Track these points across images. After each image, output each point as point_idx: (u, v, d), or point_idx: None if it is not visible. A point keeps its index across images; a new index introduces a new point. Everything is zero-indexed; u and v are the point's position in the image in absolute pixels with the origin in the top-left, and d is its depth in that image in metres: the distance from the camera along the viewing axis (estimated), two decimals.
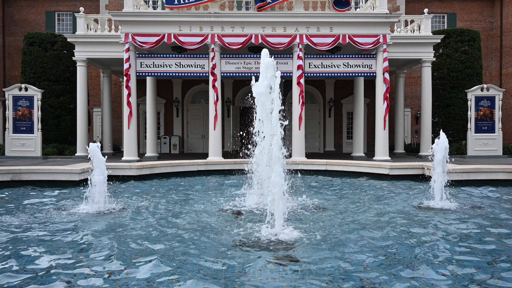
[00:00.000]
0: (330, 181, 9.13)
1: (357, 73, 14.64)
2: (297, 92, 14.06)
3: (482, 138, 16.56)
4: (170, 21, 13.92)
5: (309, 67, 14.40)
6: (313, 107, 21.77)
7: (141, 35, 13.91)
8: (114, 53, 15.67)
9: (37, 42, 18.10)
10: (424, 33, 16.18)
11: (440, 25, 24.78)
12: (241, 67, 14.46)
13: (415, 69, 22.80)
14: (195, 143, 21.74)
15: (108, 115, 18.76)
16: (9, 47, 24.31)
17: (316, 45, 13.95)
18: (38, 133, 16.30)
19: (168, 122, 21.71)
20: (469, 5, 24.80)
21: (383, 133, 14.21)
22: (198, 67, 14.40)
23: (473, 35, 18.51)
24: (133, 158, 13.89)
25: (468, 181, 7.88)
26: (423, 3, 24.47)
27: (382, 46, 14.03)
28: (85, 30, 16.02)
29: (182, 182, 9.00)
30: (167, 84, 21.29)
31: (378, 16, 13.96)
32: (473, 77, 18.27)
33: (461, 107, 18.04)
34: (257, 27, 14.00)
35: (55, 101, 18.06)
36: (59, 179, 7.94)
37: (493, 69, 24.82)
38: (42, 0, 24.15)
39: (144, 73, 14.46)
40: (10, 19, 24.29)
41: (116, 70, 18.79)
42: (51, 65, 18.04)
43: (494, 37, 24.76)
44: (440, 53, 18.64)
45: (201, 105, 21.63)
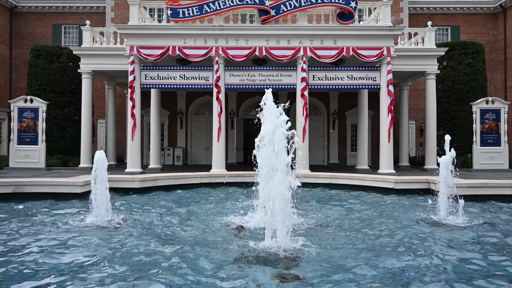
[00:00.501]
0: (334, 195, 9.03)
1: (361, 85, 14.62)
2: (301, 104, 14.04)
3: (488, 151, 16.41)
4: (174, 34, 14.03)
5: (313, 80, 14.40)
6: (317, 119, 21.74)
7: (146, 48, 14.01)
8: (119, 65, 15.78)
9: (43, 54, 18.29)
10: (428, 46, 16.19)
11: (443, 37, 24.84)
12: (245, 79, 14.49)
13: (419, 82, 22.78)
14: (199, 154, 21.72)
15: (112, 126, 18.84)
16: (16, 60, 24.61)
17: (320, 58, 13.98)
18: (43, 144, 16.36)
19: (172, 134, 21.73)
20: (472, 18, 24.87)
21: (387, 146, 14.12)
22: (202, 79, 14.45)
23: (477, 47, 18.50)
24: (136, 170, 13.87)
25: (474, 196, 7.75)
26: (427, 16, 24.57)
27: (386, 59, 14.04)
28: (90, 42, 16.18)
29: (185, 195, 8.93)
30: (171, 96, 21.38)
31: (381, 29, 13.99)
32: (478, 89, 18.20)
33: (466, 120, 17.93)
34: (261, 40, 14.07)
35: (60, 112, 18.16)
36: (61, 192, 7.90)
37: (497, 81, 24.75)
38: (49, 14, 24.50)
39: (148, 85, 14.53)
40: (18, 32, 24.63)
41: (121, 82, 18.91)
42: (56, 77, 18.19)
43: (498, 49, 24.74)
44: (444, 65, 18.61)
45: (205, 117, 21.67)
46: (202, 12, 13.92)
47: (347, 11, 13.93)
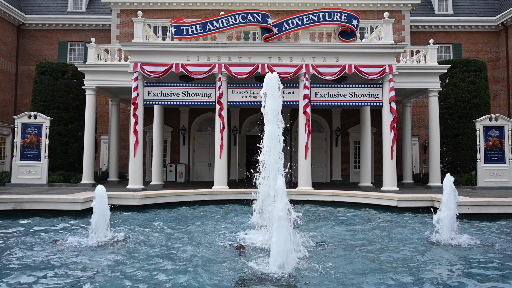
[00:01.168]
0: (337, 213, 8.91)
1: (363, 102, 14.63)
2: (303, 121, 14.03)
3: (492, 169, 16.27)
4: (178, 51, 14.16)
5: (316, 97, 14.43)
6: (320, 136, 21.70)
7: (150, 65, 14.14)
8: (123, 81, 15.92)
9: (48, 71, 18.49)
10: (430, 63, 16.25)
11: (445, 55, 24.96)
12: (247, 96, 14.54)
13: (422, 98, 22.78)
14: (201, 171, 21.65)
15: (115, 142, 18.87)
16: (22, 76, 24.90)
17: (322, 75, 14.03)
18: (45, 160, 16.39)
19: (175, 150, 21.73)
20: (474, 35, 25.03)
21: (390, 163, 14.02)
22: (205, 96, 14.51)
23: (479, 65, 18.54)
24: (138, 186, 13.81)
25: (479, 214, 7.62)
26: (428, 34, 24.75)
27: (388, 76, 14.07)
28: (95, 59, 16.36)
29: (186, 212, 8.85)
30: (174, 112, 21.46)
31: (383, 46, 14.07)
32: (481, 107, 18.16)
33: (470, 137, 17.83)
34: (263, 57, 14.17)
35: (63, 128, 18.24)
36: (61, 209, 7.85)
37: (500, 99, 24.73)
38: (56, 31, 24.89)
39: (151, 101, 14.60)
40: (24, 49, 25.00)
41: (125, 98, 19.04)
42: (61, 93, 18.34)
43: (500, 67, 24.80)
44: (447, 82, 18.64)
45: (207, 133, 21.69)
46: (205, 30, 14.08)
47: (349, 29, 14.05)
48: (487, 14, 25.08)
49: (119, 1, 21.70)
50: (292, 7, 21.70)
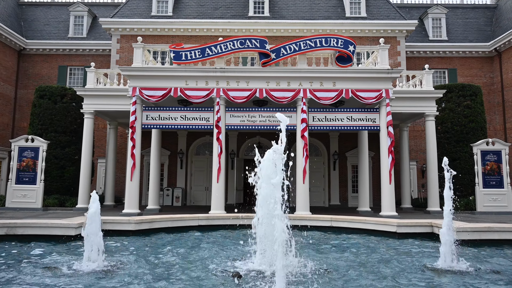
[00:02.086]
0: (336, 239, 8.78)
1: (361, 126, 14.67)
2: (301, 145, 14.02)
3: (491, 193, 16.19)
4: (177, 76, 14.28)
5: (313, 121, 14.48)
6: (318, 160, 21.66)
7: (148, 89, 14.22)
8: (121, 105, 15.97)
9: (47, 95, 18.59)
10: (426, 88, 16.42)
11: (441, 80, 25.30)
12: (245, 120, 14.57)
13: (419, 123, 22.94)
14: (198, 195, 21.47)
15: (112, 166, 18.77)
16: (20, 100, 25.01)
17: (320, 99, 14.13)
18: (41, 184, 16.23)
19: (172, 174, 21.61)
20: (468, 61, 25.46)
21: (389, 188, 13.93)
22: (203, 120, 14.54)
23: (474, 90, 18.76)
24: (134, 211, 13.63)
25: (479, 241, 7.51)
26: (424, 59, 25.17)
27: (385, 101, 14.18)
28: (94, 83, 16.47)
29: (182, 238, 8.69)
30: (172, 136, 21.47)
31: (380, 71, 14.25)
32: (478, 131, 18.26)
33: (467, 161, 17.83)
34: (261, 82, 14.30)
35: (60, 152, 18.16)
36: (55, 234, 7.70)
37: (496, 123, 24.91)
38: (56, 56, 25.20)
39: (149, 125, 14.60)
40: (24, 73, 25.22)
41: (123, 122, 19.07)
42: (59, 117, 18.37)
43: (495, 91, 25.11)
44: (443, 107, 18.80)
45: (205, 157, 21.64)
46: (204, 55, 14.26)
47: (346, 55, 14.26)
48: (480, 40, 25.60)
49: (119, 27, 22.07)
50: (290, 33, 22.10)
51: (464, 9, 27.37)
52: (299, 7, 23.28)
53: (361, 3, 22.89)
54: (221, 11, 22.96)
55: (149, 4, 23.11)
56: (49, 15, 26.68)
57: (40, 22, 26.33)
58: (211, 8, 23.13)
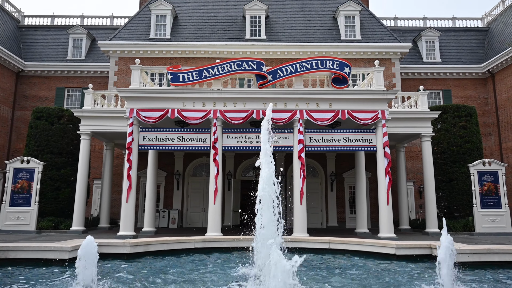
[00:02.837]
0: (334, 261, 8.65)
1: (357, 147, 14.70)
2: (298, 166, 14.00)
3: (489, 214, 16.13)
4: (174, 97, 14.35)
5: (310, 142, 14.51)
6: (315, 181, 21.60)
7: (146, 110, 14.26)
8: (118, 127, 15.98)
9: (44, 116, 18.58)
10: (421, 109, 16.55)
11: (436, 101, 25.57)
12: (242, 141, 14.59)
13: (415, 143, 23.02)
14: (195, 217, 21.24)
15: (108, 187, 18.60)
16: (17, 121, 24.99)
17: (316, 120, 14.20)
18: (35, 206, 16.04)
19: (168, 195, 21.44)
20: (462, 82, 25.81)
21: (386, 209, 13.85)
22: (200, 141, 14.53)
23: (469, 110, 18.93)
24: (129, 233, 13.44)
25: (479, 263, 7.42)
26: (418, 81, 25.50)
27: (381, 121, 14.26)
28: (92, 105, 16.51)
29: (178, 261, 8.54)
30: (169, 157, 21.41)
31: (375, 93, 14.39)
32: (474, 151, 18.32)
33: (465, 181, 17.82)
34: (258, 103, 14.38)
35: (55, 173, 18.01)
36: (48, 257, 7.54)
37: (492, 143, 25.05)
38: (54, 78, 25.36)
39: (146, 146, 14.57)
40: (22, 94, 25.31)
41: (119, 143, 19.04)
42: (55, 138, 18.31)
43: (490, 112, 25.36)
44: (439, 128, 18.91)
45: (202, 178, 21.52)
46: (201, 77, 14.38)
47: (342, 76, 14.43)
48: (473, 62, 26.03)
49: (117, 49, 22.32)
50: (286, 55, 22.42)
51: (457, 32, 27.94)
52: (295, 30, 23.69)
53: (356, 26, 23.34)
54: (218, 34, 23.32)
55: (147, 27, 23.46)
56: (48, 38, 26.99)
57: (39, 45, 26.61)
58: (208, 31, 23.50)
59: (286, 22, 24.18)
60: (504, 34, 25.61)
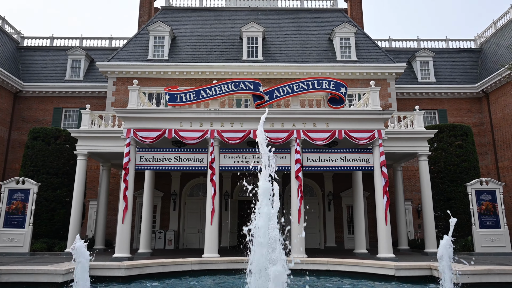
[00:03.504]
0: (333, 284, 8.51)
1: (354, 167, 14.70)
2: (295, 186, 13.94)
3: (488, 233, 16.03)
4: (171, 118, 14.39)
5: (307, 161, 14.50)
6: (312, 201, 21.48)
7: (143, 130, 14.27)
8: (115, 147, 15.94)
9: (41, 136, 18.53)
10: (417, 128, 16.65)
11: (431, 120, 25.77)
12: (239, 161, 14.56)
13: (412, 162, 23.06)
14: (191, 238, 20.98)
15: (104, 208, 18.40)
16: (14, 141, 24.91)
17: (313, 140, 14.23)
18: (29, 227, 15.82)
19: (165, 216, 21.22)
20: (457, 102, 26.08)
21: (385, 229, 13.74)
22: (197, 161, 14.49)
23: (465, 130, 19.05)
24: (125, 255, 13.22)
25: (480, 284, 7.33)
26: (414, 101, 25.75)
27: (377, 141, 14.31)
28: (89, 125, 16.50)
29: (174, 284, 8.38)
30: (165, 177, 21.30)
31: (371, 112, 14.49)
32: (471, 170, 18.35)
33: (462, 201, 17.78)
34: (255, 123, 14.40)
35: (51, 194, 17.85)
36: (41, 281, 7.38)
37: (489, 162, 25.13)
38: (52, 98, 25.44)
39: (143, 167, 14.51)
40: (19, 115, 25.31)
41: (116, 163, 18.95)
42: (52, 158, 18.22)
43: (485, 131, 25.54)
44: (435, 147, 18.99)
45: (199, 198, 21.37)
46: (199, 97, 14.47)
47: (338, 96, 14.56)
48: (467, 82, 26.38)
49: (116, 70, 22.49)
50: (283, 75, 22.66)
51: (450, 53, 28.42)
52: (291, 51, 24.03)
53: (351, 47, 23.71)
54: (216, 55, 23.60)
55: (145, 48, 23.73)
56: (47, 59, 27.22)
57: (38, 65, 26.81)
58: (206, 52, 23.78)
59: (283, 44, 24.55)
60: (496, 55, 26.06)
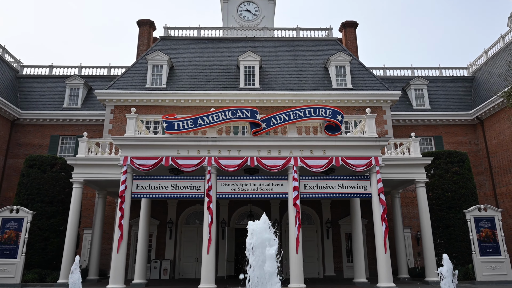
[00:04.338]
0: None
1: (352, 194, 14.63)
2: (293, 213, 13.81)
3: (489, 261, 15.80)
4: (168, 145, 14.40)
5: (305, 188, 14.44)
6: (310, 228, 21.24)
7: (140, 158, 14.23)
8: (112, 174, 15.80)
9: (37, 164, 18.41)
10: (414, 155, 16.69)
11: (428, 147, 25.91)
12: (236, 188, 14.47)
13: (410, 189, 22.98)
14: (187, 267, 20.52)
15: (98, 237, 18.07)
16: (9, 169, 24.73)
17: (311, 167, 14.22)
18: (22, 257, 15.48)
19: (160, 244, 20.85)
20: (452, 129, 26.32)
21: (384, 257, 13.52)
22: (194, 189, 14.39)
23: (461, 156, 19.11)
24: (119, 286, 12.90)
25: None
26: (409, 127, 25.98)
27: (375, 168, 14.31)
28: (86, 153, 16.41)
29: None
30: (162, 205, 21.08)
31: (368, 140, 14.57)
32: (468, 197, 18.29)
33: (462, 227, 17.62)
34: (252, 150, 14.45)
35: (45, 223, 17.55)
36: None
37: (486, 188, 25.10)
38: (49, 126, 25.48)
39: (139, 195, 14.38)
40: (16, 142, 25.25)
41: (112, 191, 18.78)
42: (47, 186, 18.03)
43: (481, 158, 25.65)
44: (432, 173, 18.98)
45: (195, 227, 21.08)
46: (196, 125, 14.54)
47: (334, 124, 14.67)
48: (462, 108, 26.73)
49: (114, 98, 22.66)
50: (279, 103, 22.89)
51: (444, 81, 28.93)
52: (288, 79, 24.38)
53: (346, 76, 24.11)
54: (213, 83, 23.90)
55: (144, 77, 24.02)
56: (45, 87, 27.44)
57: (37, 93, 27.00)
58: (203, 81, 24.09)
59: (279, 72, 24.94)
60: (489, 83, 26.54)
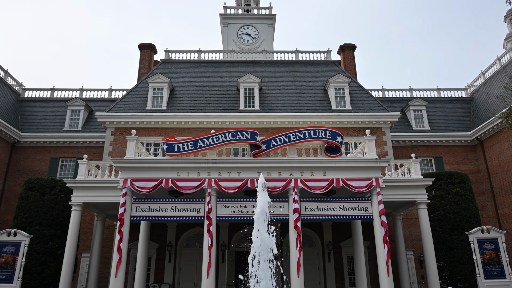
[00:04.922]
0: None
1: (353, 216, 14.50)
2: (294, 236, 13.65)
3: (494, 285, 15.47)
4: (168, 167, 14.38)
5: (305, 210, 14.32)
6: (312, 251, 20.92)
7: (140, 180, 14.18)
8: (111, 197, 15.69)
9: (36, 187, 18.28)
10: (414, 176, 16.61)
11: (428, 167, 25.85)
12: (237, 210, 14.37)
13: (411, 211, 22.80)
14: None
15: (96, 261, 17.80)
16: (8, 192, 24.60)
17: (311, 189, 14.15)
18: (18, 282, 15.16)
19: (159, 268, 20.50)
20: (453, 149, 26.34)
21: (387, 280, 13.28)
22: (193, 211, 14.28)
23: (462, 177, 19.02)
24: None
25: None
26: (409, 148, 26.00)
27: (376, 189, 14.24)
28: (85, 175, 16.34)
29: None
30: (161, 227, 20.84)
31: (368, 161, 14.55)
32: (471, 218, 18.10)
33: (465, 250, 17.36)
34: (253, 172, 14.41)
35: (42, 246, 17.30)
36: None
37: (488, 209, 24.90)
38: (49, 148, 25.50)
39: (139, 217, 14.25)
40: (15, 165, 25.21)
41: (111, 213, 18.62)
42: (45, 209, 17.84)
43: (483, 178, 25.55)
44: (434, 195, 18.84)
45: (195, 250, 20.78)
46: (196, 147, 14.55)
47: (334, 145, 14.69)
48: (461, 129, 26.82)
49: (114, 120, 22.76)
50: (279, 125, 22.97)
51: (443, 102, 29.15)
52: (288, 101, 24.56)
53: (346, 97, 24.30)
54: (213, 105, 24.06)
55: (144, 99, 24.20)
56: (46, 110, 27.62)
57: (37, 116, 27.14)
58: (203, 103, 24.26)
59: (279, 94, 25.15)
60: (487, 104, 26.73)
